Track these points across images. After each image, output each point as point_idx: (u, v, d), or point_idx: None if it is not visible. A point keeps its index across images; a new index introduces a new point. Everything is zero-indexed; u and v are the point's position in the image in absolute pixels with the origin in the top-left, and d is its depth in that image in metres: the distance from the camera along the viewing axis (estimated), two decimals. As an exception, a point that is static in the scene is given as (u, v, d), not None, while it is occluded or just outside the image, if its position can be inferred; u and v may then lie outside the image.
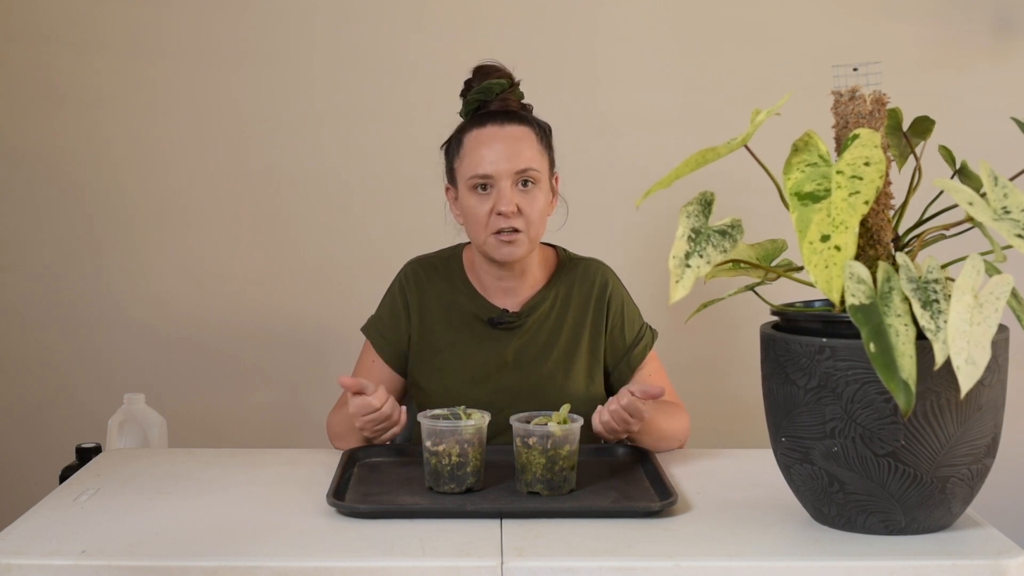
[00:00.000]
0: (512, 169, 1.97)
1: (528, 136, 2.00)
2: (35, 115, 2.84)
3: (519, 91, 2.06)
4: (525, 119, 2.02)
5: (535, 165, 1.99)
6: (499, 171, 1.96)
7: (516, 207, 1.97)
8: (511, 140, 1.98)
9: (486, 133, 1.99)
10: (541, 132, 2.03)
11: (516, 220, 1.97)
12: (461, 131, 2.04)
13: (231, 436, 2.85)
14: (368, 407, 1.84)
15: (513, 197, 1.97)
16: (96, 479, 1.82)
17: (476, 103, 2.03)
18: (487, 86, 2.02)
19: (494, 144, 1.98)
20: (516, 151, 1.97)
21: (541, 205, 2.00)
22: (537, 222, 2.00)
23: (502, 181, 1.97)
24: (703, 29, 2.82)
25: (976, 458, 1.45)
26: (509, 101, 2.03)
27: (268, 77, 2.83)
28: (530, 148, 1.99)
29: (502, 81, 2.03)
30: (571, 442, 1.67)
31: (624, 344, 2.11)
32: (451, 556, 1.45)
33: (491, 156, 1.97)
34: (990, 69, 2.79)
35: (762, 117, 1.45)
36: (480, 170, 1.97)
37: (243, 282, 2.87)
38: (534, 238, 2.01)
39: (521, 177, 1.97)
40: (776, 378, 1.49)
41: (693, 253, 1.43)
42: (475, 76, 2.06)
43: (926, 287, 1.35)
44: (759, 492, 1.70)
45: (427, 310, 2.10)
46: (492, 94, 2.02)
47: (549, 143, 2.06)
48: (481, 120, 2.01)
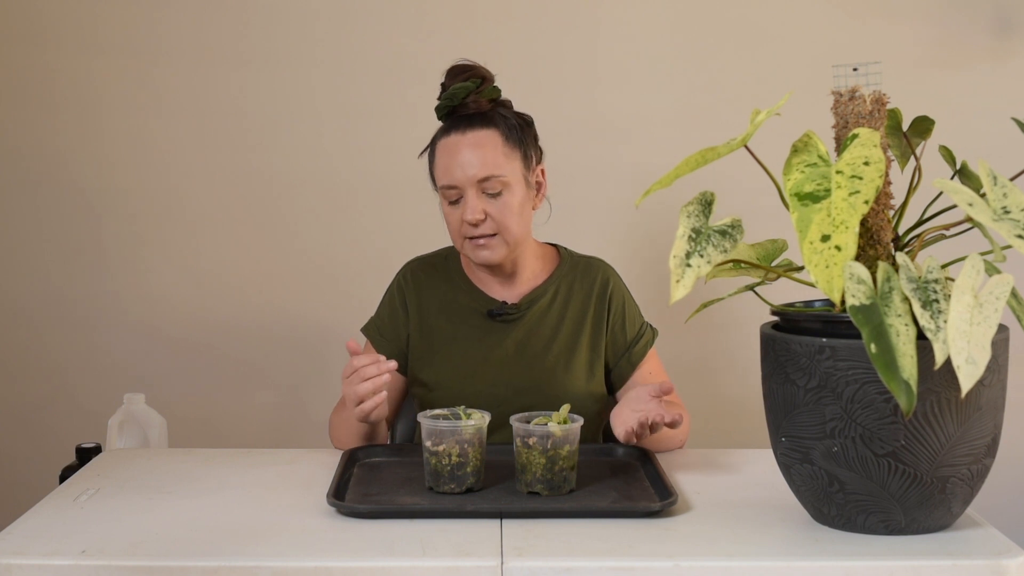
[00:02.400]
0: (474, 178, 1.96)
1: (492, 139, 1.97)
2: (36, 115, 2.84)
3: (492, 88, 2.01)
4: (491, 120, 1.99)
5: (498, 171, 1.96)
6: (462, 180, 1.96)
7: (483, 213, 1.96)
8: (473, 147, 1.96)
9: (451, 142, 1.98)
10: (508, 131, 1.99)
11: (485, 227, 1.97)
12: (434, 139, 2.04)
13: (231, 436, 2.85)
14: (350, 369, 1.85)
15: (479, 205, 1.96)
16: (96, 479, 1.82)
17: (445, 110, 2.02)
18: (452, 92, 2.00)
19: (457, 154, 1.97)
20: (478, 159, 1.96)
21: (514, 207, 1.98)
22: (512, 224, 1.98)
23: (467, 190, 1.96)
24: (703, 29, 2.82)
25: (976, 458, 1.45)
26: (478, 103, 1.99)
27: (268, 77, 2.83)
28: (493, 152, 1.97)
29: (467, 84, 1.99)
30: (571, 442, 1.67)
31: (625, 341, 2.11)
32: (451, 556, 1.45)
33: (453, 165, 1.97)
34: (990, 69, 2.79)
35: (762, 117, 1.45)
36: (445, 180, 1.98)
37: (243, 282, 2.87)
38: (512, 240, 2.00)
39: (485, 185, 1.96)
40: (776, 378, 1.49)
41: (693, 253, 1.43)
42: (447, 78, 2.03)
43: (926, 287, 1.35)
44: (759, 492, 1.70)
45: (426, 309, 2.10)
46: (457, 99, 2.00)
47: (522, 139, 2.01)
48: (447, 128, 2.01)
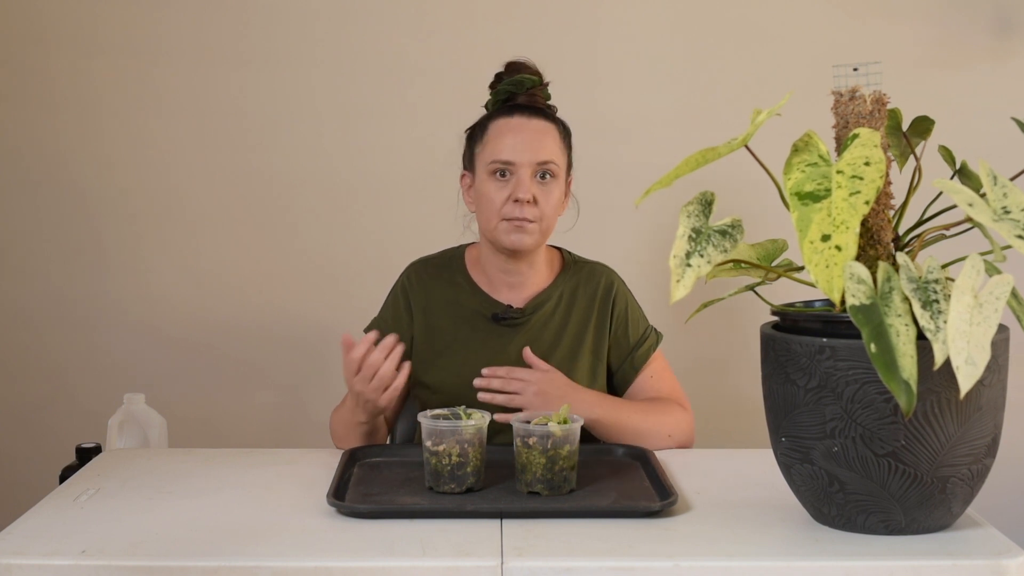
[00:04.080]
0: (534, 159, 2.00)
1: (552, 132, 2.04)
2: (36, 115, 2.84)
3: (547, 91, 2.10)
4: (551, 116, 2.07)
5: (556, 159, 2.02)
6: (521, 159, 1.99)
7: (533, 197, 1.99)
8: (536, 132, 2.02)
9: (513, 122, 2.03)
10: (564, 132, 2.08)
11: (530, 210, 2.00)
12: (487, 119, 2.07)
13: (231, 436, 2.85)
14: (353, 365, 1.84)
15: (531, 187, 1.99)
16: (96, 479, 1.82)
17: (505, 94, 2.07)
18: (519, 79, 2.06)
19: (519, 134, 2.01)
20: (539, 143, 2.01)
21: (556, 200, 2.04)
22: (550, 215, 2.03)
23: (522, 169, 1.99)
24: (703, 29, 2.82)
25: (976, 458, 1.45)
26: (537, 97, 2.07)
27: (269, 77, 2.83)
28: (553, 143, 2.03)
29: (533, 77, 2.07)
30: (571, 442, 1.67)
31: (628, 345, 2.11)
32: (451, 556, 1.45)
33: (515, 144, 2.00)
34: (990, 69, 2.79)
35: (762, 117, 1.45)
36: (503, 156, 2.00)
37: (243, 282, 2.87)
38: (545, 231, 2.03)
39: (541, 169, 2.01)
40: (776, 378, 1.49)
41: (694, 253, 1.43)
42: (507, 70, 2.10)
43: (926, 287, 1.35)
44: (759, 492, 1.70)
45: (430, 310, 2.10)
46: (522, 88, 2.06)
47: (569, 144, 2.10)
48: (509, 111, 2.05)
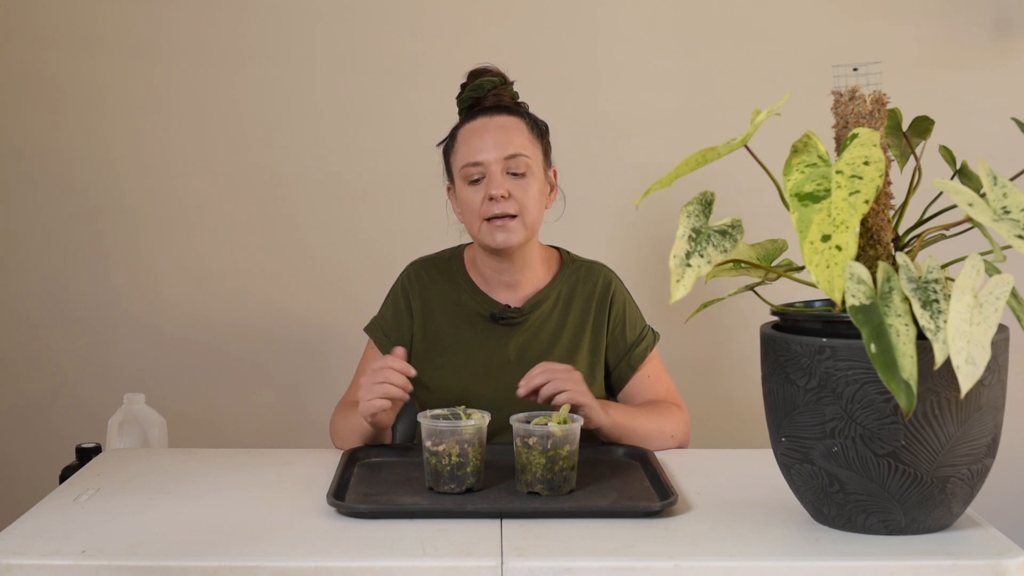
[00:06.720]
0: (501, 155, 2.00)
1: (519, 126, 2.04)
2: (36, 115, 2.84)
3: (512, 89, 2.10)
4: (516, 112, 2.06)
5: (524, 151, 2.01)
6: (488, 157, 2.00)
7: (507, 192, 1.99)
8: (500, 129, 2.02)
9: (477, 124, 2.03)
10: (533, 124, 2.07)
11: (508, 205, 1.99)
12: (455, 128, 2.08)
13: (231, 436, 2.85)
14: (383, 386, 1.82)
15: (504, 183, 1.99)
16: (96, 479, 1.82)
17: (469, 100, 2.08)
18: (479, 83, 2.07)
19: (484, 133, 2.01)
20: (505, 138, 2.01)
21: (535, 193, 2.02)
22: (532, 209, 2.01)
23: (492, 167, 2.00)
24: (703, 29, 2.82)
25: (976, 458, 1.45)
26: (502, 96, 2.07)
27: (269, 77, 2.83)
28: (520, 136, 2.02)
29: (493, 79, 2.07)
30: (571, 442, 1.67)
31: (625, 345, 2.11)
32: (451, 556, 1.45)
33: (481, 144, 2.01)
34: (990, 69, 2.79)
35: (762, 117, 1.45)
36: (470, 158, 2.01)
37: (244, 282, 2.87)
38: (530, 225, 2.02)
39: (511, 164, 2.00)
40: (776, 378, 1.49)
41: (694, 253, 1.43)
42: (469, 79, 2.11)
43: (926, 287, 1.35)
44: (759, 492, 1.69)
45: (430, 310, 2.11)
46: (483, 91, 2.07)
47: (542, 136, 2.08)
48: (473, 115, 2.06)
